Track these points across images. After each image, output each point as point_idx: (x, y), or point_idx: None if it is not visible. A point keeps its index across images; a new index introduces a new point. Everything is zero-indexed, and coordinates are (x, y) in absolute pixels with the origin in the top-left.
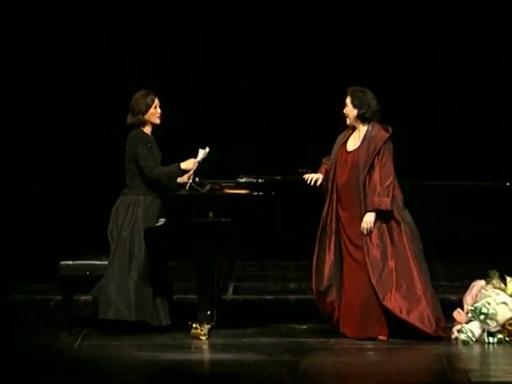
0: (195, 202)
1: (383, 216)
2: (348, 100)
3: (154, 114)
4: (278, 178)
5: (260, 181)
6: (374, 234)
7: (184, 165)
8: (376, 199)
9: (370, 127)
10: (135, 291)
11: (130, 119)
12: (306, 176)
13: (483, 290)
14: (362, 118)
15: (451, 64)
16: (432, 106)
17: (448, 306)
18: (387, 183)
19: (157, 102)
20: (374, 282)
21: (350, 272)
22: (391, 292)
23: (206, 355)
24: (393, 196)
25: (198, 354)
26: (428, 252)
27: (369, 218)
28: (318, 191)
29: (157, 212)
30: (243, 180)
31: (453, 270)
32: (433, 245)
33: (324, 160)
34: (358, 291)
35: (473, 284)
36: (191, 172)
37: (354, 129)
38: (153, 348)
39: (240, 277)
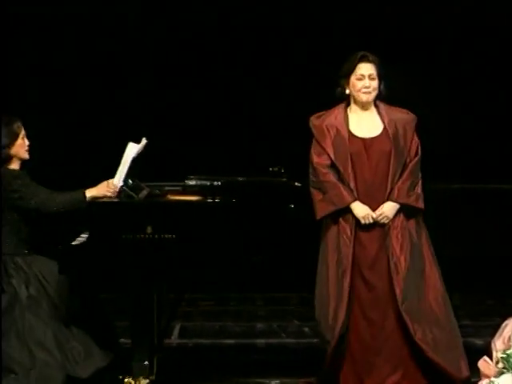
0: (128, 212)
1: (413, 224)
2: (373, 69)
3: (23, 145)
4: (240, 179)
5: (216, 183)
6: (402, 245)
7: (93, 191)
8: (411, 192)
9: (382, 106)
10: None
11: None
12: (367, 220)
13: None
14: (380, 94)
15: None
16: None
17: (472, 352)
18: (419, 177)
19: (23, 131)
20: (402, 307)
21: (369, 301)
22: (425, 324)
23: None
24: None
25: None
26: (445, 281)
27: (391, 210)
28: (295, 197)
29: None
30: (193, 182)
31: (477, 304)
32: (450, 270)
33: (325, 171)
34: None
35: (505, 323)
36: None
37: (345, 109)
38: None
39: (189, 314)
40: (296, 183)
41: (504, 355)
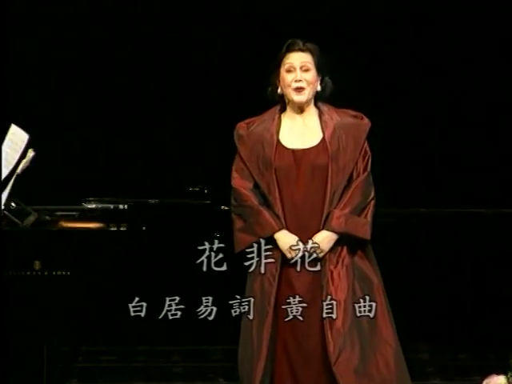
0: (10, 243)
1: (360, 260)
2: (307, 58)
3: None
4: (152, 201)
5: (121, 207)
6: (342, 287)
7: None
8: (354, 218)
9: (325, 108)
10: None
11: None
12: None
13: None
14: (322, 91)
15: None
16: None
17: None
18: (369, 198)
19: None
20: (334, 367)
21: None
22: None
23: None
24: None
25: None
26: (408, 328)
27: (326, 241)
28: (221, 224)
29: None
30: (93, 206)
31: (450, 358)
32: (416, 317)
33: (246, 193)
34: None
35: (486, 382)
36: None
37: (279, 113)
38: None
39: (88, 371)
40: (222, 207)
41: None
